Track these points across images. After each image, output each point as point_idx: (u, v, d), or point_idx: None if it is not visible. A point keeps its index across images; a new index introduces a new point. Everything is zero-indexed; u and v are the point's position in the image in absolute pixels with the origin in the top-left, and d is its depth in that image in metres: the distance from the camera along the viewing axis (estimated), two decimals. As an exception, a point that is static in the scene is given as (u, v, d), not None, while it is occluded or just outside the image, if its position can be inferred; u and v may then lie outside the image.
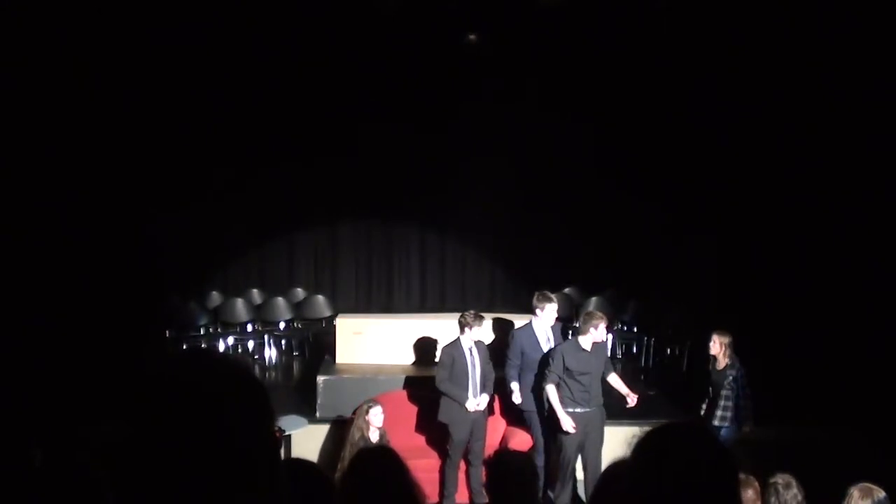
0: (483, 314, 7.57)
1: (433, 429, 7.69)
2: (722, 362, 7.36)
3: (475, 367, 7.25)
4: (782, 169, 9.98)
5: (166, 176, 10.96)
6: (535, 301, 7.58)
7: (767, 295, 9.84)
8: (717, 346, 7.36)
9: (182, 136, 11.07)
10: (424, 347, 8.72)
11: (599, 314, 7.36)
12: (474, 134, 11.93)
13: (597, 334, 7.02)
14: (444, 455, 7.44)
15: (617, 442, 6.66)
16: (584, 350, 7.03)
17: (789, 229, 9.87)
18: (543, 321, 7.50)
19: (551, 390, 6.99)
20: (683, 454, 1.73)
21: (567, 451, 7.03)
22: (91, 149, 10.09)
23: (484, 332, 7.53)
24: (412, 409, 7.95)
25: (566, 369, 6.97)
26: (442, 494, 7.35)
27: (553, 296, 7.81)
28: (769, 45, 9.56)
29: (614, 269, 11.51)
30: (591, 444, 7.06)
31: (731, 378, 7.26)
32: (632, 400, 7.19)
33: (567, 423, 6.87)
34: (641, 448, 1.79)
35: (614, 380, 7.35)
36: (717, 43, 9.93)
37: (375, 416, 6.94)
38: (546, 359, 7.23)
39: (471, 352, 7.27)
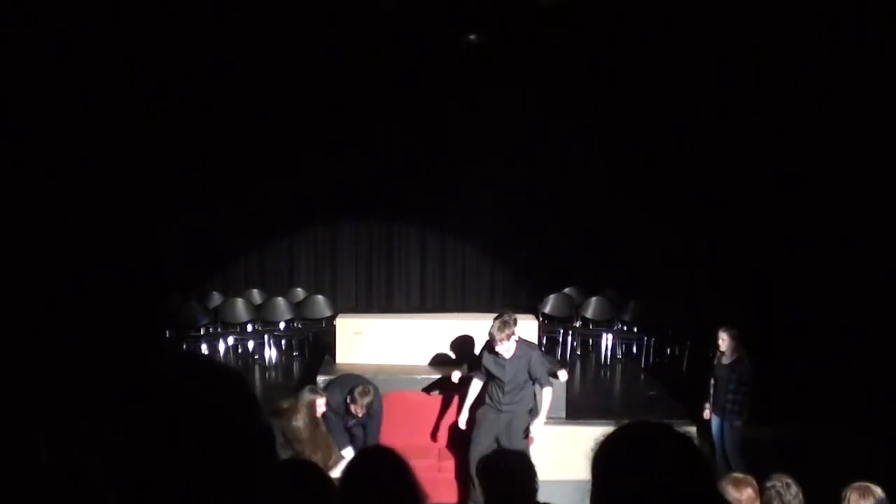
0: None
1: (433, 429, 7.69)
2: (729, 357, 7.42)
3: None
4: (781, 170, 9.99)
5: (167, 176, 10.97)
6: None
7: (767, 294, 9.85)
8: (725, 342, 7.41)
9: (182, 137, 11.08)
10: (424, 347, 8.72)
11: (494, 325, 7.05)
12: (474, 134, 11.95)
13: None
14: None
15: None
16: (499, 357, 7.02)
17: (788, 229, 9.88)
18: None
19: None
20: (649, 456, 1.61)
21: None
22: (93, 149, 10.09)
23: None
24: (412, 409, 7.95)
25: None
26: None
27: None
28: (769, 45, 9.57)
29: (614, 269, 11.52)
30: (505, 443, 7.03)
31: (735, 372, 7.34)
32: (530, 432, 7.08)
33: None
34: (604, 454, 1.66)
35: (542, 396, 7.11)
36: (717, 43, 9.93)
37: (321, 407, 6.86)
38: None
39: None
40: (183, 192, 11.19)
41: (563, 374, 7.85)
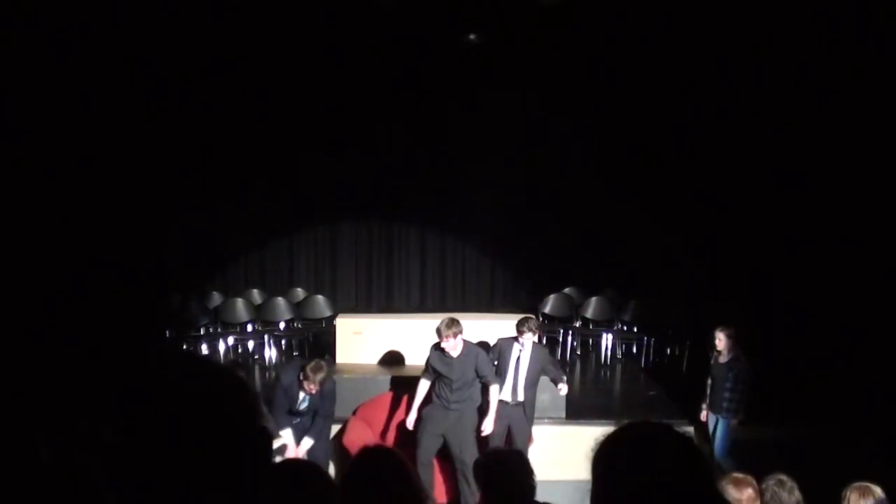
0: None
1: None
2: (726, 356, 7.44)
3: (518, 368, 7.37)
4: (781, 170, 9.99)
5: (167, 176, 10.98)
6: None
7: (767, 294, 9.85)
8: (721, 341, 7.44)
9: (183, 137, 11.09)
10: (424, 347, 8.70)
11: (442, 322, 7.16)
12: (474, 134, 11.95)
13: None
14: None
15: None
16: (446, 356, 7.10)
17: (788, 229, 9.87)
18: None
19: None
20: (649, 456, 1.61)
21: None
22: (94, 149, 10.09)
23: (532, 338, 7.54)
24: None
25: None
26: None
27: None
28: (769, 45, 9.56)
29: (614, 269, 11.53)
30: (453, 440, 7.12)
31: (732, 371, 7.36)
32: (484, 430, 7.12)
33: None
34: (604, 454, 1.65)
35: (491, 393, 7.19)
36: (717, 43, 9.93)
37: None
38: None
39: (520, 353, 7.39)
40: (183, 192, 11.20)
41: (563, 388, 7.62)
